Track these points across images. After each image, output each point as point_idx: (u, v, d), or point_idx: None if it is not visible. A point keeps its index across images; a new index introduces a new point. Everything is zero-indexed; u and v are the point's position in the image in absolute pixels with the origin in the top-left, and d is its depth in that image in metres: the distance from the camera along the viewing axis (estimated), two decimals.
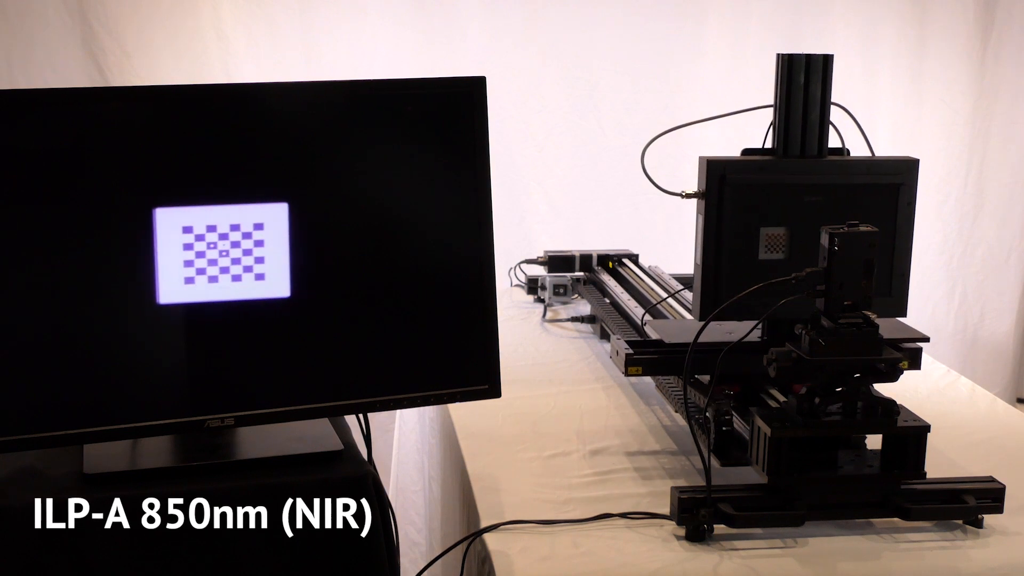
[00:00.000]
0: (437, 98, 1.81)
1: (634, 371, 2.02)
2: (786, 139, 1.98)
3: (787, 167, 1.97)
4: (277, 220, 1.72)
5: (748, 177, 1.94)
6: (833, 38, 3.71)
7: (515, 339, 2.69)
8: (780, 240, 1.94)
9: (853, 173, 1.98)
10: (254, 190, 1.72)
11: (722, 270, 1.94)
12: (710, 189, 1.93)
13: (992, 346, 4.02)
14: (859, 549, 1.74)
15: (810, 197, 1.94)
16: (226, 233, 1.70)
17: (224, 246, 1.70)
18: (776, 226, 1.94)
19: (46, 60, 3.29)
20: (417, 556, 2.95)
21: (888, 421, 1.78)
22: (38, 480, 1.67)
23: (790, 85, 1.96)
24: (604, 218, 3.71)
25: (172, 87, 1.78)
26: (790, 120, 1.97)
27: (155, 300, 1.68)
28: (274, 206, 1.72)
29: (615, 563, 1.69)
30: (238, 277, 1.71)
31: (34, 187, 1.61)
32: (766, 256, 1.95)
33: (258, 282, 1.73)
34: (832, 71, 1.97)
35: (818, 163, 1.98)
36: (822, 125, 1.98)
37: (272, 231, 1.72)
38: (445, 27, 3.53)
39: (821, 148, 1.98)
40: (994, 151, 3.90)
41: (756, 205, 1.94)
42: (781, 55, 1.97)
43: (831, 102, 1.98)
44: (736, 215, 1.93)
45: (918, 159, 1.98)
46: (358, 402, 1.81)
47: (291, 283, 1.74)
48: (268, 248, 1.72)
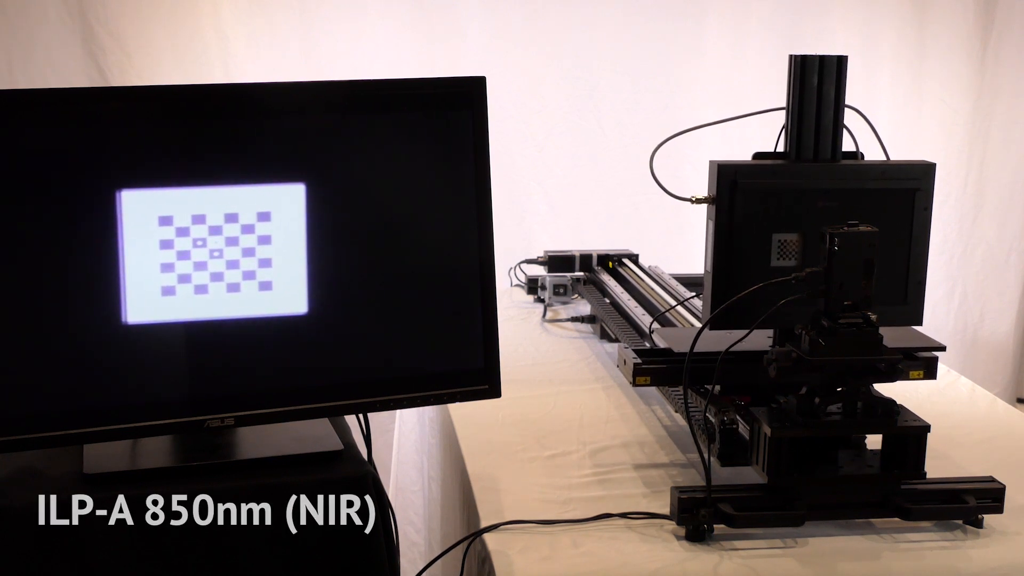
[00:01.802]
0: (437, 98, 1.81)
1: (642, 381, 1.98)
2: (799, 142, 1.93)
3: (800, 171, 1.93)
4: (292, 204, 1.63)
5: (760, 182, 1.90)
6: (833, 38, 3.71)
7: (515, 339, 2.69)
8: (793, 246, 1.90)
9: (868, 178, 1.93)
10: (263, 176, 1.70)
11: (733, 277, 1.90)
12: (721, 194, 1.89)
13: (992, 346, 4.02)
14: (859, 549, 1.74)
15: (824, 202, 1.90)
16: (219, 226, 1.60)
17: (216, 243, 1.60)
18: (789, 232, 1.90)
19: (46, 60, 3.29)
20: (416, 556, 2.95)
21: (888, 421, 1.78)
22: (38, 480, 1.67)
23: (803, 87, 1.92)
24: (604, 218, 3.71)
25: (172, 87, 1.77)
26: (803, 123, 1.93)
27: (121, 320, 1.57)
28: (290, 187, 1.63)
29: (615, 563, 1.69)
30: (235, 287, 1.64)
31: (33, 186, 1.61)
32: (778, 263, 1.90)
33: (263, 293, 1.65)
34: (846, 73, 1.93)
35: (832, 167, 1.94)
36: (836, 128, 1.94)
37: (281, 219, 1.65)
38: (445, 27, 3.53)
39: (835, 152, 1.94)
40: (994, 151, 3.90)
41: (768, 210, 1.90)
42: (794, 56, 1.92)
43: (845, 104, 1.94)
44: (748, 221, 1.89)
45: (935, 163, 1.94)
46: (358, 402, 1.81)
47: (308, 296, 1.70)
48: (277, 247, 1.67)
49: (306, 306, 1.72)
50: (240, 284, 1.67)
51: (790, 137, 1.95)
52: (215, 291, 1.65)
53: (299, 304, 1.72)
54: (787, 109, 1.95)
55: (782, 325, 1.89)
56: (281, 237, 1.71)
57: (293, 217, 1.71)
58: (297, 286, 1.72)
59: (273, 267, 1.70)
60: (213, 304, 1.67)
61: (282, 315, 1.72)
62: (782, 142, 1.97)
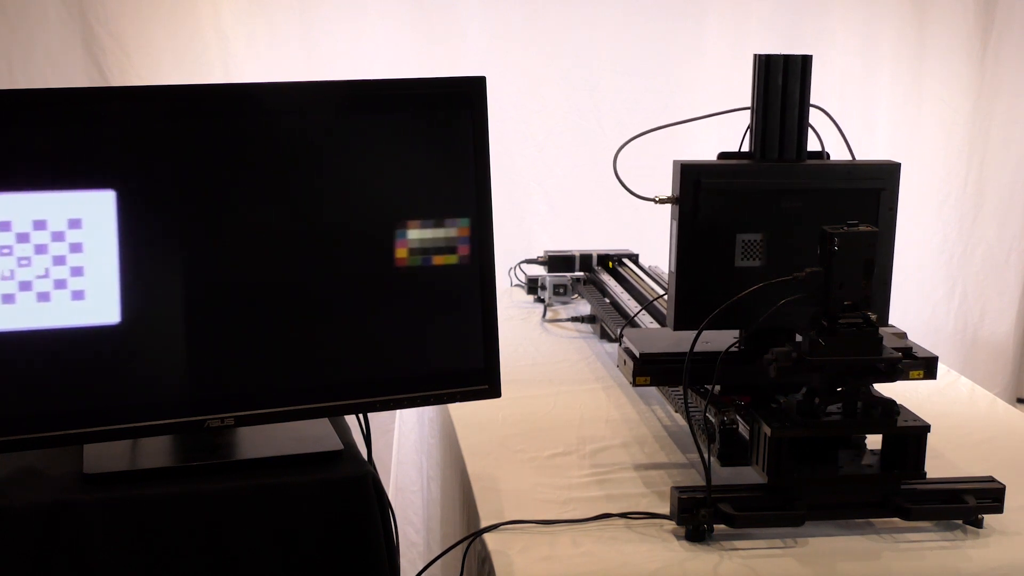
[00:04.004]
0: (437, 98, 1.81)
1: (642, 381, 1.97)
2: (763, 142, 1.92)
3: (764, 171, 1.92)
4: None
5: (724, 182, 1.89)
6: (833, 38, 3.71)
7: (515, 339, 2.69)
8: (757, 246, 1.89)
9: (832, 177, 1.93)
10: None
11: (697, 278, 1.90)
12: (684, 194, 1.88)
13: (992, 346, 4.02)
14: (859, 549, 1.74)
15: (788, 202, 1.89)
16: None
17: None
18: (753, 232, 1.89)
19: (46, 60, 3.29)
20: (415, 556, 2.95)
21: (888, 421, 1.78)
22: (38, 480, 1.67)
23: (768, 87, 1.91)
24: (604, 218, 3.71)
25: (173, 87, 1.77)
26: (767, 123, 1.92)
27: None
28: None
29: (615, 563, 1.69)
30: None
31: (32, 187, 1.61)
32: (743, 263, 1.89)
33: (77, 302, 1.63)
34: (811, 72, 1.92)
35: (796, 167, 1.93)
36: (800, 128, 1.92)
37: None
38: (445, 27, 3.53)
39: (800, 152, 1.93)
40: (994, 151, 3.90)
41: (732, 210, 1.89)
42: (758, 56, 1.92)
43: (810, 104, 1.93)
44: (711, 221, 1.88)
45: (899, 163, 1.94)
46: (358, 402, 1.81)
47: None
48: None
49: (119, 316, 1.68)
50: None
51: (755, 137, 1.94)
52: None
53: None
54: (752, 109, 1.95)
55: (782, 325, 1.89)
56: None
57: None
58: None
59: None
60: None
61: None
62: (747, 142, 1.96)
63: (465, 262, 1.83)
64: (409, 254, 1.81)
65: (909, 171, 3.76)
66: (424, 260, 1.82)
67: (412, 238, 1.81)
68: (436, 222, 1.82)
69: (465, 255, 1.83)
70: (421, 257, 1.82)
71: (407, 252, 1.81)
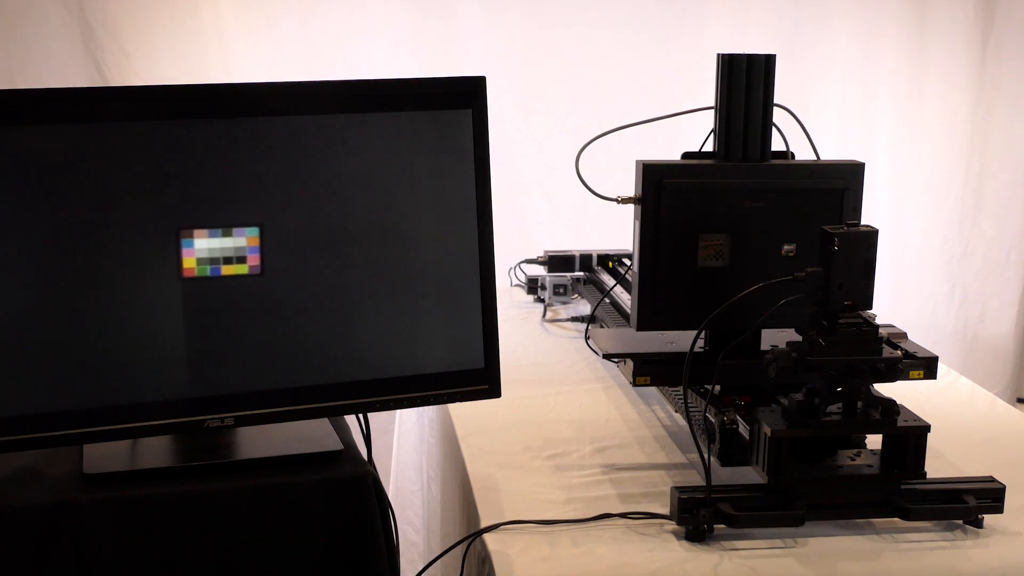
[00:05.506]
0: (437, 98, 1.81)
1: (642, 381, 1.96)
2: (727, 142, 1.91)
3: (727, 171, 1.91)
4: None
5: (686, 182, 1.88)
6: (833, 39, 3.71)
7: (515, 339, 2.69)
8: (721, 247, 1.88)
9: (796, 177, 1.92)
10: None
11: (660, 278, 1.89)
12: (647, 194, 1.87)
13: (992, 346, 4.02)
14: (859, 549, 1.74)
15: (751, 202, 1.88)
16: None
17: None
18: (716, 232, 1.88)
19: (46, 60, 3.29)
20: (415, 556, 2.95)
21: (888, 421, 1.78)
22: (38, 480, 1.67)
23: (731, 86, 1.90)
24: (604, 218, 3.70)
25: (172, 87, 1.77)
26: (731, 122, 1.91)
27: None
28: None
29: (615, 563, 1.69)
30: None
31: (32, 187, 1.61)
32: (706, 263, 1.89)
33: None
34: (775, 72, 1.91)
35: (760, 167, 1.92)
36: (764, 128, 1.92)
37: None
38: (445, 27, 3.53)
39: (764, 151, 1.92)
40: (994, 151, 3.90)
41: (695, 210, 1.88)
42: (721, 55, 1.91)
43: (774, 104, 1.92)
44: (674, 221, 1.87)
45: (863, 163, 1.93)
46: (358, 402, 1.81)
47: None
48: None
49: None
50: None
51: (718, 137, 1.93)
52: None
53: None
54: (715, 108, 1.94)
55: (782, 325, 1.89)
56: None
57: None
58: None
59: None
60: None
61: None
62: (711, 142, 1.95)
63: (464, 262, 1.83)
64: (409, 254, 1.81)
65: (909, 171, 3.80)
66: (424, 259, 1.82)
67: (412, 238, 1.81)
68: (436, 222, 1.82)
69: (465, 255, 1.83)
70: (421, 257, 1.82)
71: (407, 252, 1.81)
